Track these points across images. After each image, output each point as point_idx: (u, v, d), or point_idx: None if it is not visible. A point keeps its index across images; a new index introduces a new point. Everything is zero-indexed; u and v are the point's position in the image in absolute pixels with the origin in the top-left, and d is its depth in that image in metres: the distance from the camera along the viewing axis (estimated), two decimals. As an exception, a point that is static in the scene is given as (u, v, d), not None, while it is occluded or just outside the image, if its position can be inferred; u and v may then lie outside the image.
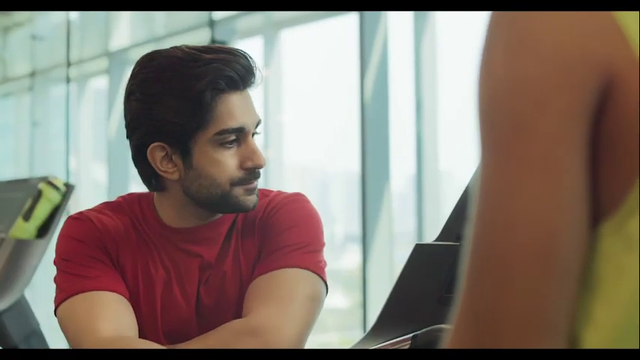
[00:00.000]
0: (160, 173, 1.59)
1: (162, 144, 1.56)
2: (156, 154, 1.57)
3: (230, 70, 1.54)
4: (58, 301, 1.62)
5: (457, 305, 0.67)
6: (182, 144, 1.55)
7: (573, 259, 0.64)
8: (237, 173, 1.57)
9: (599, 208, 0.65)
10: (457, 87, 4.51)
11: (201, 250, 1.64)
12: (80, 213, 1.68)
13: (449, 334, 0.67)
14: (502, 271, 0.64)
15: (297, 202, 1.66)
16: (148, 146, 1.57)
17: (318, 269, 1.61)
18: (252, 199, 1.60)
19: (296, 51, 5.39)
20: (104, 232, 1.64)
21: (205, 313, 1.64)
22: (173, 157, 1.57)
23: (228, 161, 1.56)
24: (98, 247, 1.63)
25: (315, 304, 1.59)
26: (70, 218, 1.67)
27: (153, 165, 1.58)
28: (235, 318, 1.60)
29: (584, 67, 0.63)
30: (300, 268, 1.60)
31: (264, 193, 1.68)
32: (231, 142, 1.56)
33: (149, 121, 1.56)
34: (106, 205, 1.70)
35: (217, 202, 1.59)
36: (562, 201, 0.64)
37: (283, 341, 1.52)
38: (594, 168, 0.65)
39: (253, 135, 1.61)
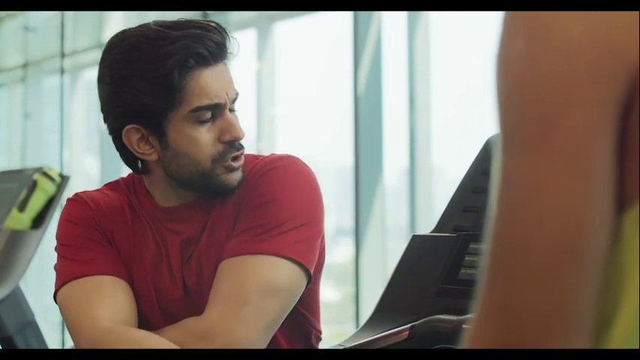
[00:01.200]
0: (138, 155, 1.57)
1: (137, 126, 1.53)
2: (131, 136, 1.55)
3: (199, 47, 1.50)
4: (56, 287, 1.61)
5: (479, 301, 0.66)
6: (156, 125, 1.52)
7: (600, 251, 0.64)
8: (216, 148, 1.53)
9: (623, 198, 0.65)
10: (450, 81, 4.51)
11: (183, 228, 1.60)
12: (76, 194, 1.67)
13: (471, 331, 0.67)
14: (529, 264, 0.63)
15: (280, 169, 1.57)
16: (123, 129, 1.54)
17: (291, 252, 1.52)
18: (234, 177, 1.55)
19: (290, 43, 5.39)
20: (97, 211, 1.63)
21: (190, 293, 1.60)
22: (149, 138, 1.54)
23: (205, 137, 1.52)
24: (93, 228, 1.62)
25: (279, 297, 1.52)
26: (67, 200, 1.66)
27: (129, 147, 1.56)
28: None
29: (614, 60, 0.63)
30: (269, 254, 1.52)
31: (255, 157, 1.62)
32: (206, 118, 1.52)
33: (121, 104, 1.53)
34: (106, 186, 1.70)
35: (198, 182, 1.55)
36: (590, 193, 0.63)
37: (235, 345, 1.47)
38: (620, 159, 0.65)
39: (231, 110, 1.56)
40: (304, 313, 1.68)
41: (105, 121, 1.59)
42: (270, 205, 1.54)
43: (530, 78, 0.64)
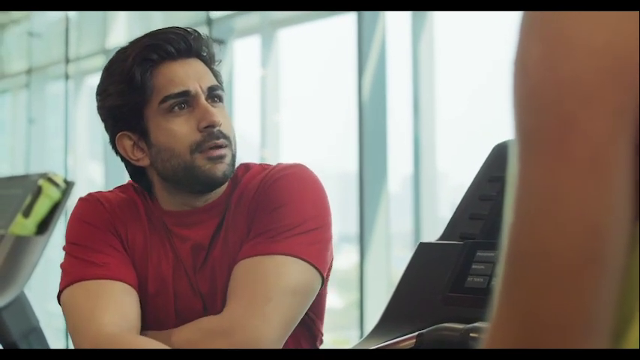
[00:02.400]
0: (133, 162, 1.61)
1: (126, 132, 1.59)
2: (125, 143, 1.60)
3: (162, 43, 1.56)
4: (62, 286, 1.60)
5: (496, 307, 0.66)
6: (138, 125, 1.57)
7: (618, 257, 0.64)
8: (194, 137, 1.54)
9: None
10: (454, 87, 4.51)
11: (191, 234, 1.61)
12: (89, 194, 1.68)
13: (488, 337, 0.66)
14: (549, 270, 0.63)
15: (291, 176, 1.59)
16: (116, 138, 1.61)
17: (306, 254, 1.53)
18: (219, 168, 1.55)
19: (294, 50, 5.39)
20: (112, 213, 1.64)
21: (206, 300, 1.61)
22: (139, 143, 1.59)
23: (182, 128, 1.55)
24: (108, 230, 1.62)
25: (298, 297, 1.52)
26: (80, 200, 1.67)
27: (126, 157, 1.61)
28: (224, 304, 1.55)
29: (633, 65, 0.63)
30: (285, 255, 1.52)
31: (264, 167, 1.64)
32: (180, 108, 1.55)
33: (106, 114, 1.61)
34: (117, 189, 1.71)
35: (184, 177, 1.56)
36: (610, 199, 0.63)
37: (256, 343, 1.46)
38: (637, 165, 0.64)
39: (214, 101, 1.58)
40: (313, 317, 1.68)
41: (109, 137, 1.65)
42: (283, 209, 1.55)
43: (548, 82, 0.64)
